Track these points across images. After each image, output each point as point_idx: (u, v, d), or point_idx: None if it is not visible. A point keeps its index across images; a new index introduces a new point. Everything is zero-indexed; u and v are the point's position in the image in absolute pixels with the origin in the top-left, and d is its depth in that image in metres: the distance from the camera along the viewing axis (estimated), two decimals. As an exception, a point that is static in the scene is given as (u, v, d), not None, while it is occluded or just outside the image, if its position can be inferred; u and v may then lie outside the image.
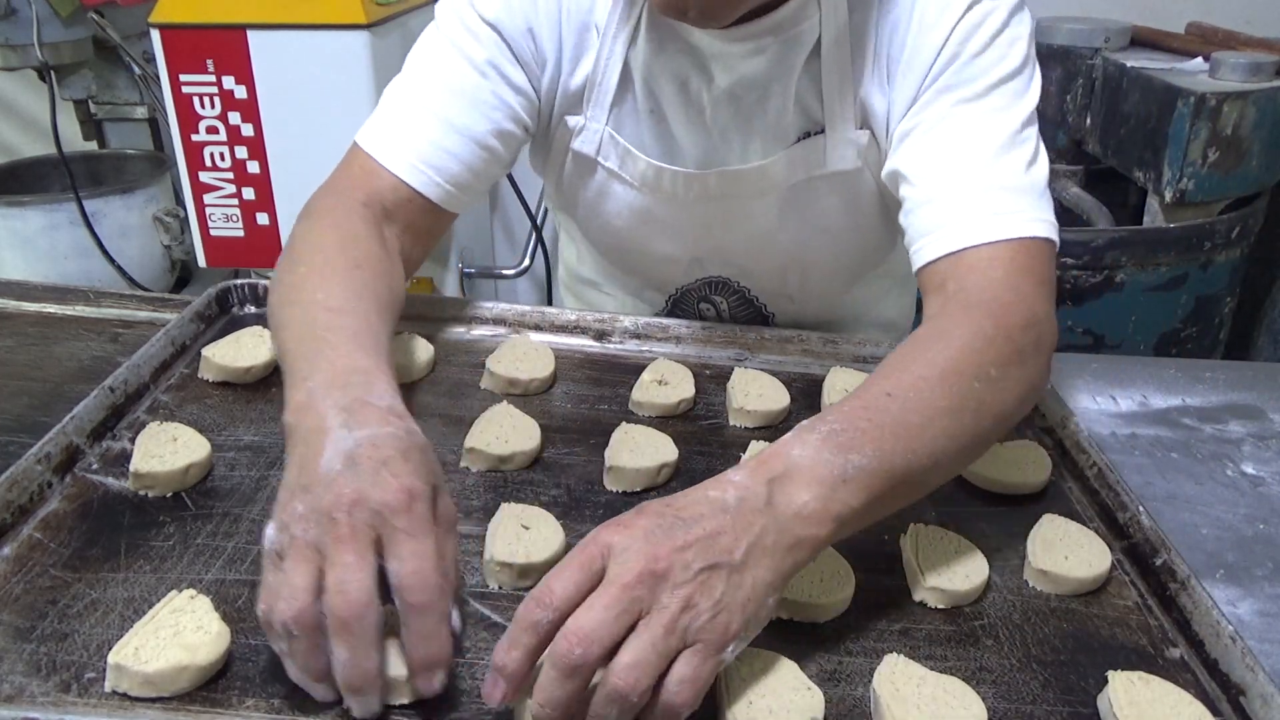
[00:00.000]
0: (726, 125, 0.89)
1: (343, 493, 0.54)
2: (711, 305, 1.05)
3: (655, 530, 0.53)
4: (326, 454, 0.56)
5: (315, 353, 0.66)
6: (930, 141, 0.83)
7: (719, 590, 0.52)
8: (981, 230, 0.77)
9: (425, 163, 0.85)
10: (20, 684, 0.54)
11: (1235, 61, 1.70)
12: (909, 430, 0.62)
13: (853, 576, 0.66)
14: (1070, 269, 1.69)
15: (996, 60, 0.82)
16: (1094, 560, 0.69)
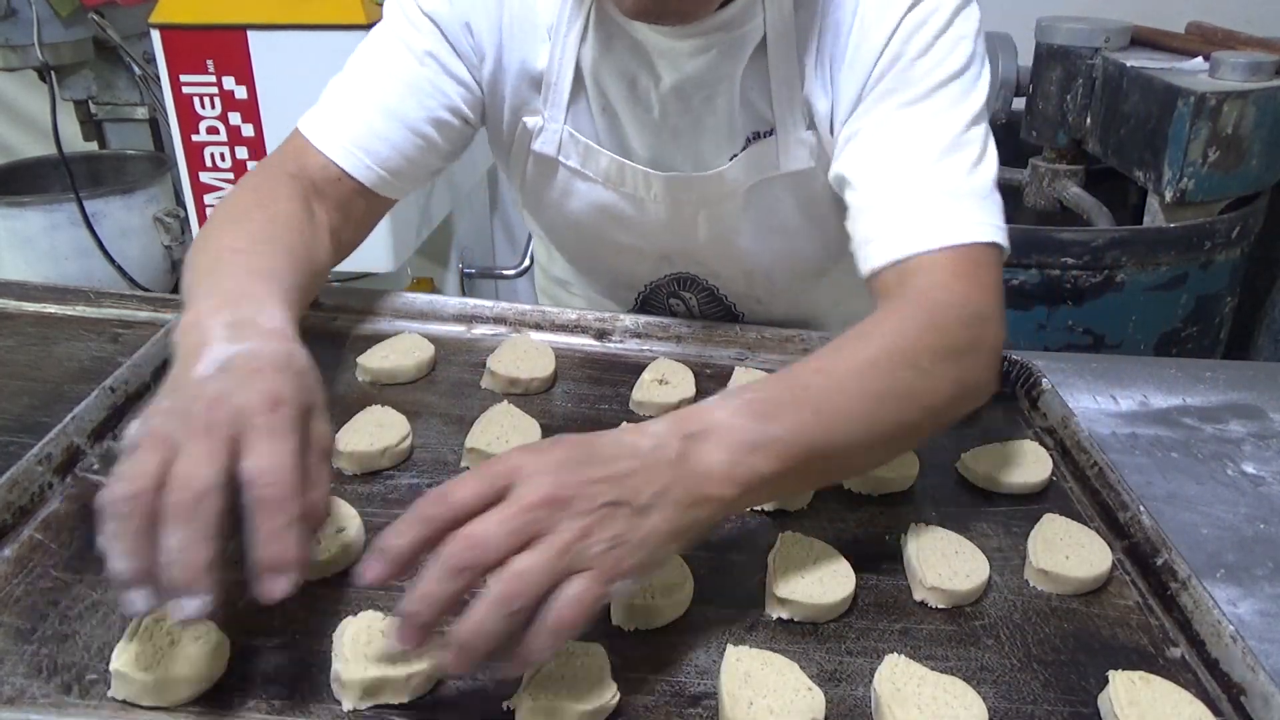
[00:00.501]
0: (676, 124, 0.90)
1: (206, 392, 0.54)
2: (681, 301, 1.05)
3: (567, 461, 0.54)
4: (203, 362, 0.57)
5: (212, 284, 0.67)
6: (873, 146, 0.82)
7: (618, 526, 0.53)
8: (925, 238, 0.77)
9: (358, 145, 0.87)
10: (21, 686, 0.54)
11: (1235, 61, 1.70)
12: (831, 409, 0.63)
13: (853, 576, 0.66)
14: (1070, 269, 1.69)
15: (938, 61, 0.81)
16: (1095, 560, 0.69)
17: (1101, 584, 0.69)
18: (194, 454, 0.51)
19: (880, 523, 0.75)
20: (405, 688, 0.55)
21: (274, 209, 0.81)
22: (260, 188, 0.84)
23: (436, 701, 0.56)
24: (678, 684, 0.58)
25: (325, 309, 0.99)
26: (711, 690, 0.58)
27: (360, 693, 0.54)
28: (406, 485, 0.74)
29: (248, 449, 0.52)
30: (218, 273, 0.70)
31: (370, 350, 0.89)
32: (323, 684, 0.56)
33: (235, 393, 0.54)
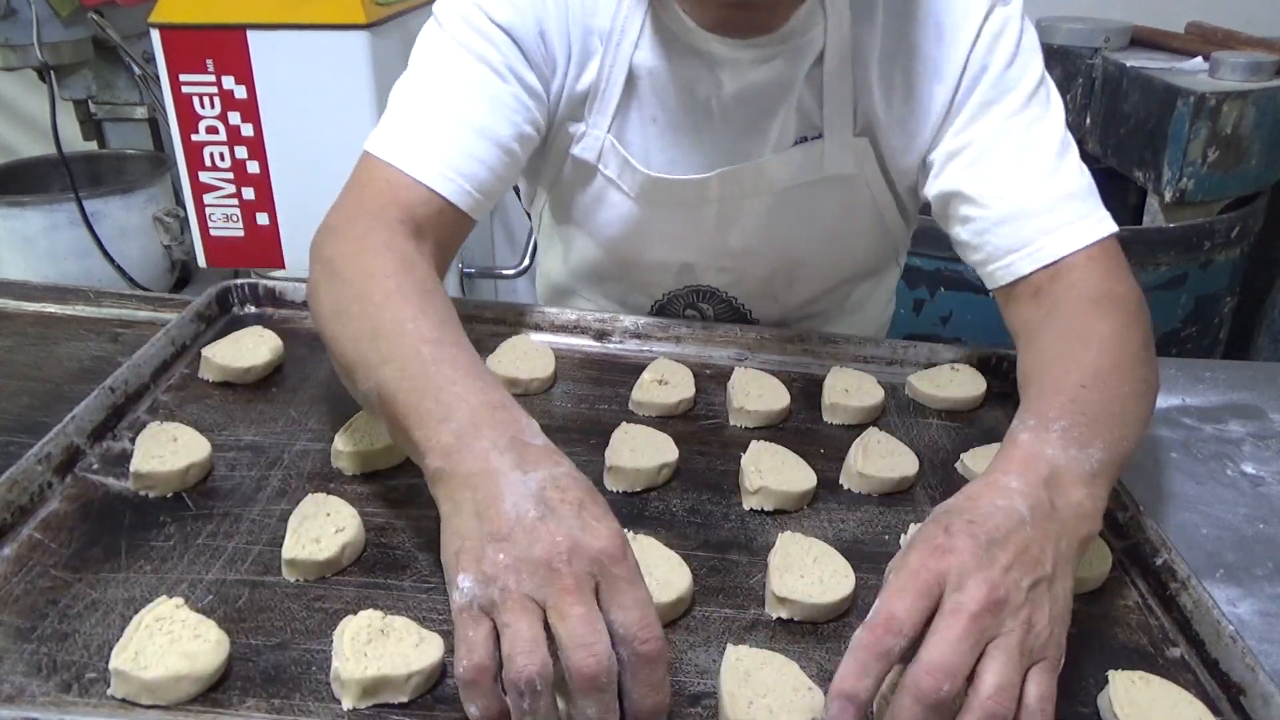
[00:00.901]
0: (734, 130, 0.90)
1: (556, 540, 0.52)
2: (698, 312, 1.05)
3: (980, 554, 0.54)
4: (508, 498, 0.54)
5: (438, 390, 0.61)
6: (989, 159, 0.86)
7: (1045, 605, 0.54)
8: (1068, 241, 0.82)
9: (456, 170, 0.81)
10: (21, 684, 0.54)
11: (1235, 61, 1.70)
12: (1116, 419, 0.67)
13: (852, 576, 0.66)
14: (1070, 269, 1.69)
15: (1024, 69, 0.86)
16: (1095, 560, 0.69)
17: (1101, 583, 0.69)
18: (579, 616, 0.50)
19: (880, 523, 0.75)
20: (405, 687, 0.55)
21: (419, 275, 0.73)
22: (392, 247, 0.75)
23: (436, 701, 0.56)
24: (678, 684, 0.58)
25: (325, 309, 0.99)
26: (711, 690, 0.58)
27: (359, 692, 0.54)
28: (406, 485, 0.74)
29: (616, 602, 0.52)
30: (434, 377, 0.63)
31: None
32: (322, 683, 0.56)
33: (583, 539, 0.52)
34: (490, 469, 0.56)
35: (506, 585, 0.51)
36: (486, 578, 0.52)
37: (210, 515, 0.68)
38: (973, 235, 0.87)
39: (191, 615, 0.57)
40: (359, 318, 0.69)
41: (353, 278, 0.72)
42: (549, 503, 0.54)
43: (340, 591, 0.63)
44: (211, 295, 0.96)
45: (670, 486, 0.77)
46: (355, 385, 0.68)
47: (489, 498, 0.54)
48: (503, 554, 0.52)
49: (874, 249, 1.02)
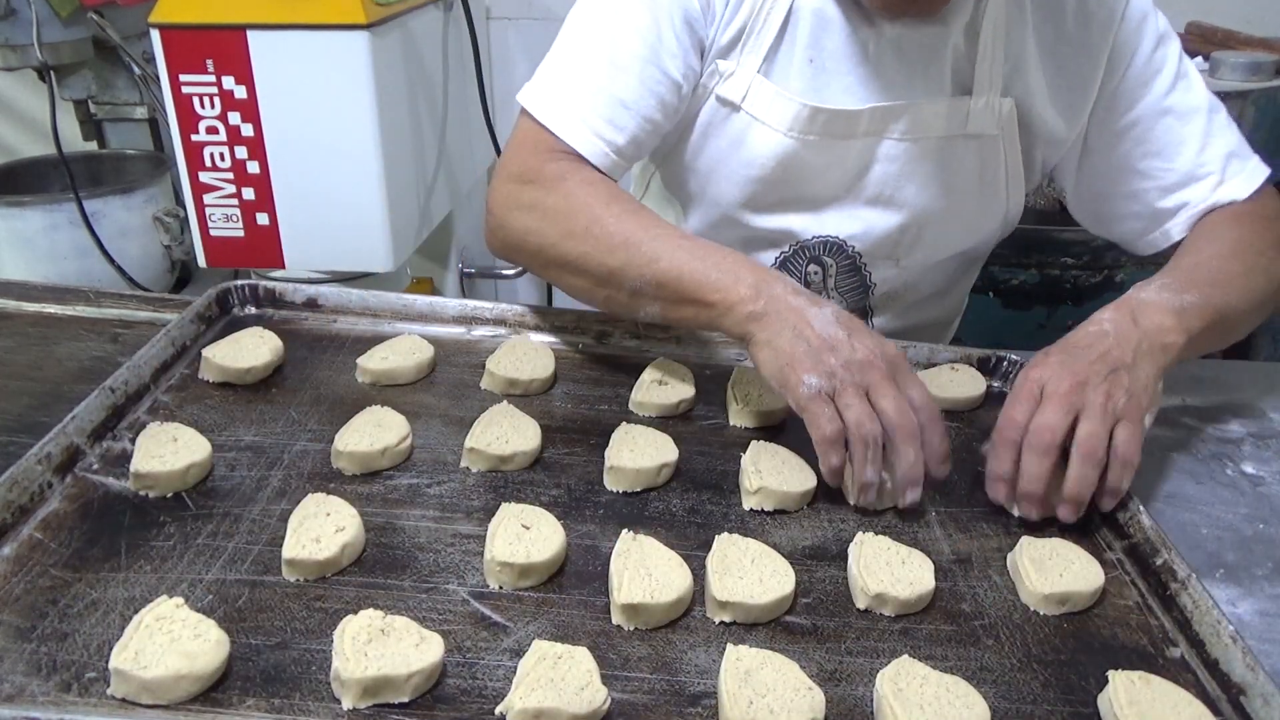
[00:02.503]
0: (889, 72, 0.95)
1: (869, 346, 0.75)
2: (820, 268, 1.07)
3: (1066, 359, 0.77)
4: (818, 324, 0.75)
5: (716, 265, 0.81)
6: (1153, 137, 0.97)
7: (1125, 382, 0.75)
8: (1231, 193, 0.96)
9: (598, 135, 0.91)
10: (21, 684, 0.54)
11: (1235, 61, 1.70)
12: (1218, 284, 0.86)
13: (792, 575, 0.65)
14: (1070, 269, 1.69)
15: (1168, 48, 0.97)
16: (1089, 571, 0.69)
17: (1098, 595, 0.69)
18: (894, 395, 0.73)
19: (880, 522, 0.75)
20: (405, 687, 0.55)
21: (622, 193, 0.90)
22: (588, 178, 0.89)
23: (436, 701, 0.56)
24: (678, 683, 0.58)
25: (325, 310, 0.99)
26: (711, 689, 0.58)
27: (360, 692, 0.54)
28: (406, 485, 0.74)
29: (907, 386, 0.75)
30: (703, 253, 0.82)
31: (370, 352, 0.89)
32: (322, 683, 0.56)
33: (882, 348, 0.75)
34: (794, 306, 0.77)
35: (843, 378, 0.73)
36: (827, 373, 0.73)
37: (210, 515, 0.68)
38: (1141, 206, 0.99)
39: (191, 615, 0.57)
40: (602, 236, 0.85)
41: (573, 209, 0.87)
42: (849, 326, 0.76)
43: (340, 591, 0.63)
44: (211, 296, 0.96)
45: (670, 486, 0.77)
46: (620, 286, 0.85)
47: (802, 324, 0.76)
48: (833, 358, 0.74)
49: (993, 222, 1.06)
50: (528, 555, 0.64)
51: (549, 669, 0.56)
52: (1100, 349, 0.77)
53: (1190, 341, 0.81)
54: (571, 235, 0.86)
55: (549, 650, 0.57)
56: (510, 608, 0.63)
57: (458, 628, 0.61)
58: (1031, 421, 0.74)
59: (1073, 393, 0.74)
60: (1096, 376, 0.75)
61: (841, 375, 0.73)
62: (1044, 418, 0.73)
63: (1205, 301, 0.83)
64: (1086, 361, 0.76)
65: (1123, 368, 0.76)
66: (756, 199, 1.02)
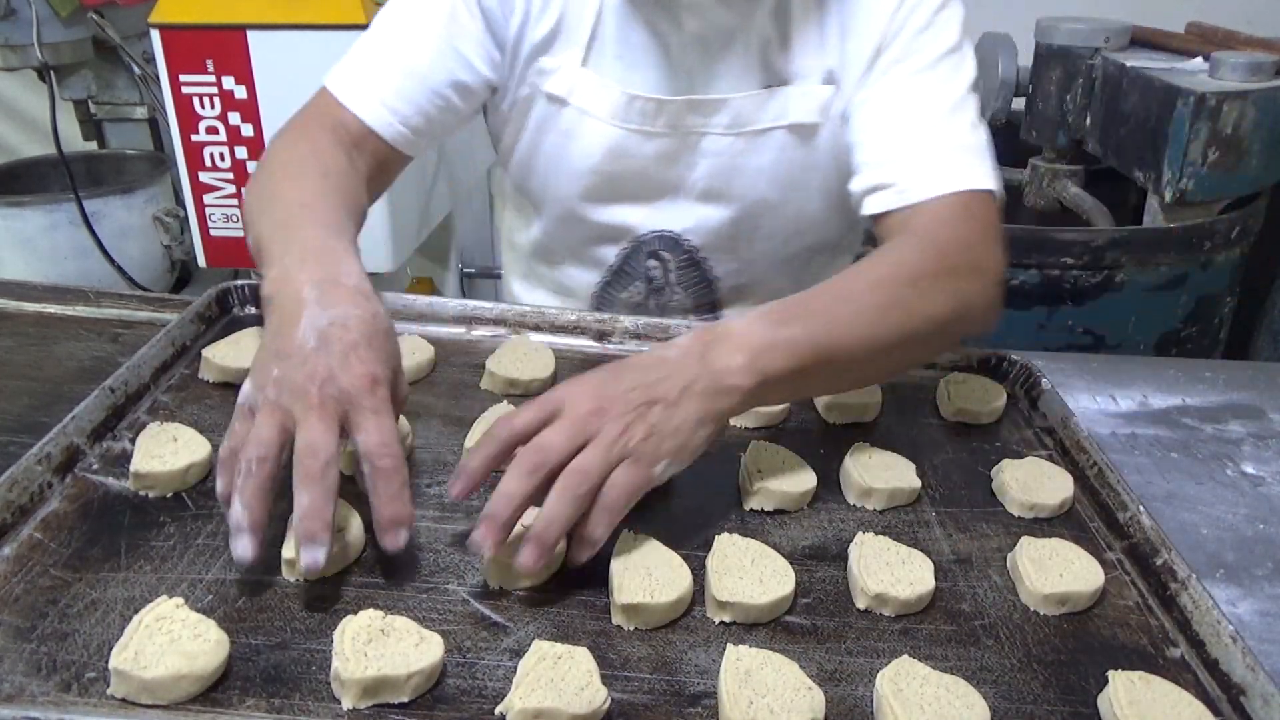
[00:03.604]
0: (693, 66, 0.95)
1: (316, 369, 0.62)
2: (660, 263, 1.07)
3: (606, 380, 0.66)
4: (301, 327, 0.65)
5: (288, 236, 0.74)
6: (883, 110, 0.92)
7: (654, 420, 0.64)
8: (931, 185, 0.86)
9: (385, 106, 0.91)
10: (20, 684, 0.54)
11: (1235, 61, 1.70)
12: (837, 318, 0.74)
13: (792, 575, 0.65)
14: (1070, 269, 1.69)
15: (937, 35, 0.92)
16: (1089, 571, 0.69)
17: (1098, 595, 0.69)
18: (315, 427, 0.60)
19: (880, 523, 0.75)
20: (405, 687, 0.55)
21: (327, 163, 0.86)
22: (311, 139, 0.89)
23: (436, 701, 0.56)
24: (678, 683, 0.58)
25: (325, 309, 0.99)
26: (711, 689, 0.58)
27: (359, 692, 0.54)
28: (406, 485, 0.74)
29: (359, 426, 0.62)
30: (292, 226, 0.76)
31: None
32: (322, 683, 0.56)
33: (339, 373, 0.63)
34: (299, 299, 0.67)
35: (268, 395, 0.62)
36: (258, 385, 0.63)
37: (210, 515, 0.68)
38: (857, 181, 0.92)
39: (191, 615, 0.57)
40: (263, 189, 0.83)
41: (271, 162, 0.87)
42: (327, 338, 0.64)
43: (340, 591, 0.63)
44: (211, 296, 0.96)
45: (670, 486, 0.77)
46: (249, 243, 0.80)
47: (287, 324, 0.66)
48: (277, 370, 0.63)
49: (833, 209, 1.04)
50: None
51: (549, 669, 0.56)
52: (649, 377, 0.66)
53: (764, 385, 0.68)
54: (253, 185, 0.86)
55: (549, 650, 0.57)
56: (510, 608, 0.63)
57: (458, 628, 0.61)
58: (537, 435, 0.63)
59: (590, 418, 0.63)
60: (624, 406, 0.64)
61: (269, 392, 0.63)
62: (546, 436, 0.62)
63: (810, 340, 0.70)
64: (624, 388, 0.65)
65: (660, 403, 0.65)
66: (592, 192, 1.03)
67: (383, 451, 0.61)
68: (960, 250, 0.82)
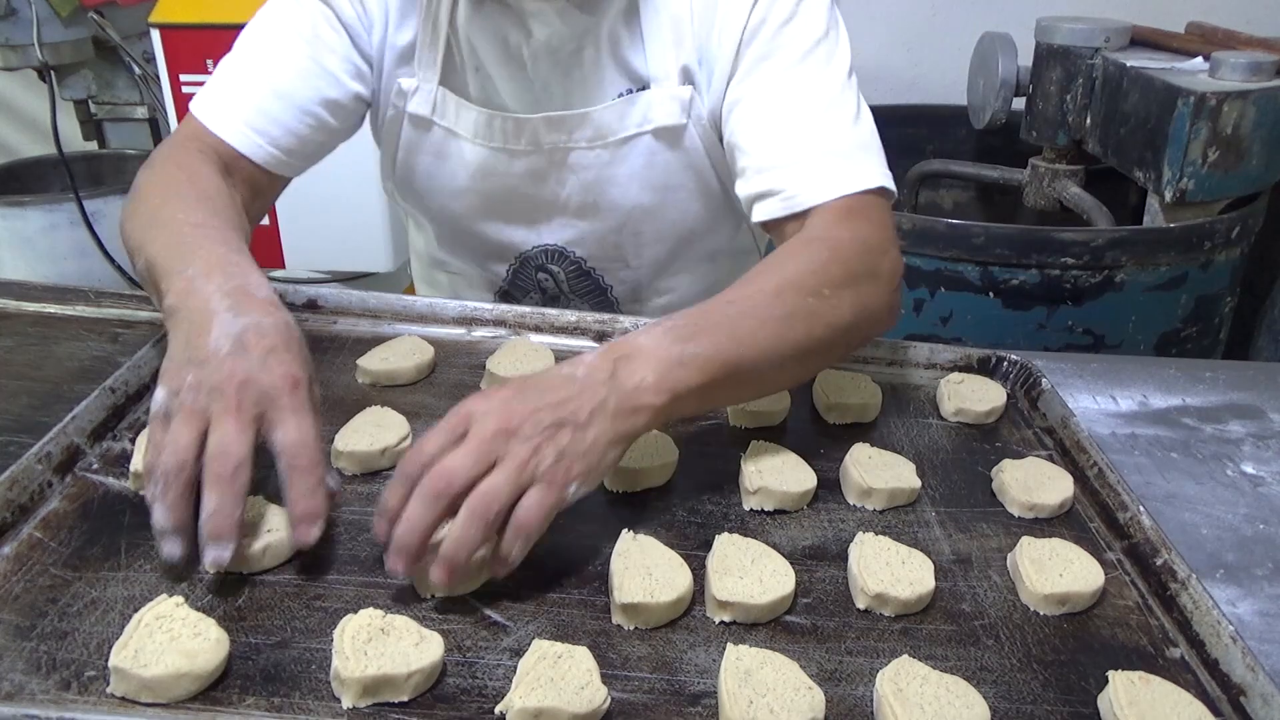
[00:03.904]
0: (547, 77, 0.94)
1: (234, 371, 0.63)
2: (550, 275, 1.08)
3: (512, 398, 0.64)
4: (214, 334, 0.65)
5: (187, 253, 0.73)
6: (758, 111, 0.90)
7: (564, 442, 0.63)
8: (818, 191, 0.85)
9: (251, 127, 0.90)
10: (20, 682, 0.54)
11: (1235, 61, 1.70)
12: (742, 331, 0.72)
13: (792, 575, 0.65)
14: (1070, 269, 1.69)
15: (803, 26, 0.90)
16: (1089, 571, 0.69)
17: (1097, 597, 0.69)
18: (228, 429, 0.61)
19: (880, 523, 0.75)
20: (405, 686, 0.55)
21: (205, 185, 0.84)
22: (184, 165, 0.87)
23: (436, 700, 0.56)
24: (677, 683, 0.58)
25: (326, 311, 0.99)
26: (711, 689, 0.58)
27: (359, 691, 0.54)
28: (406, 484, 0.74)
29: (277, 425, 0.62)
30: (188, 243, 0.74)
31: (370, 352, 0.89)
32: (322, 682, 0.56)
33: (258, 375, 0.63)
34: (208, 309, 0.67)
35: (184, 400, 0.62)
36: (173, 392, 0.63)
37: (210, 514, 0.68)
38: (742, 185, 0.91)
39: (191, 613, 0.57)
40: (143, 215, 0.81)
41: (148, 190, 0.85)
42: (244, 343, 0.64)
43: (340, 591, 0.63)
44: (211, 295, 0.96)
45: (670, 486, 0.77)
46: (136, 270, 0.79)
47: (198, 331, 0.65)
48: (191, 375, 0.63)
49: (718, 212, 1.04)
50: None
51: (549, 668, 0.56)
52: (557, 396, 0.64)
53: (675, 401, 0.67)
54: (130, 214, 0.84)
55: (549, 649, 0.57)
56: (510, 607, 0.63)
57: (458, 627, 0.61)
58: (441, 460, 0.61)
59: (496, 438, 0.61)
60: (533, 427, 0.62)
61: (185, 396, 0.62)
62: (450, 460, 0.60)
63: (711, 353, 0.69)
64: (532, 407, 0.63)
65: (569, 424, 0.63)
66: (470, 211, 1.03)
67: (299, 450, 0.62)
68: (859, 255, 0.81)
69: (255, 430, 0.62)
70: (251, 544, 0.63)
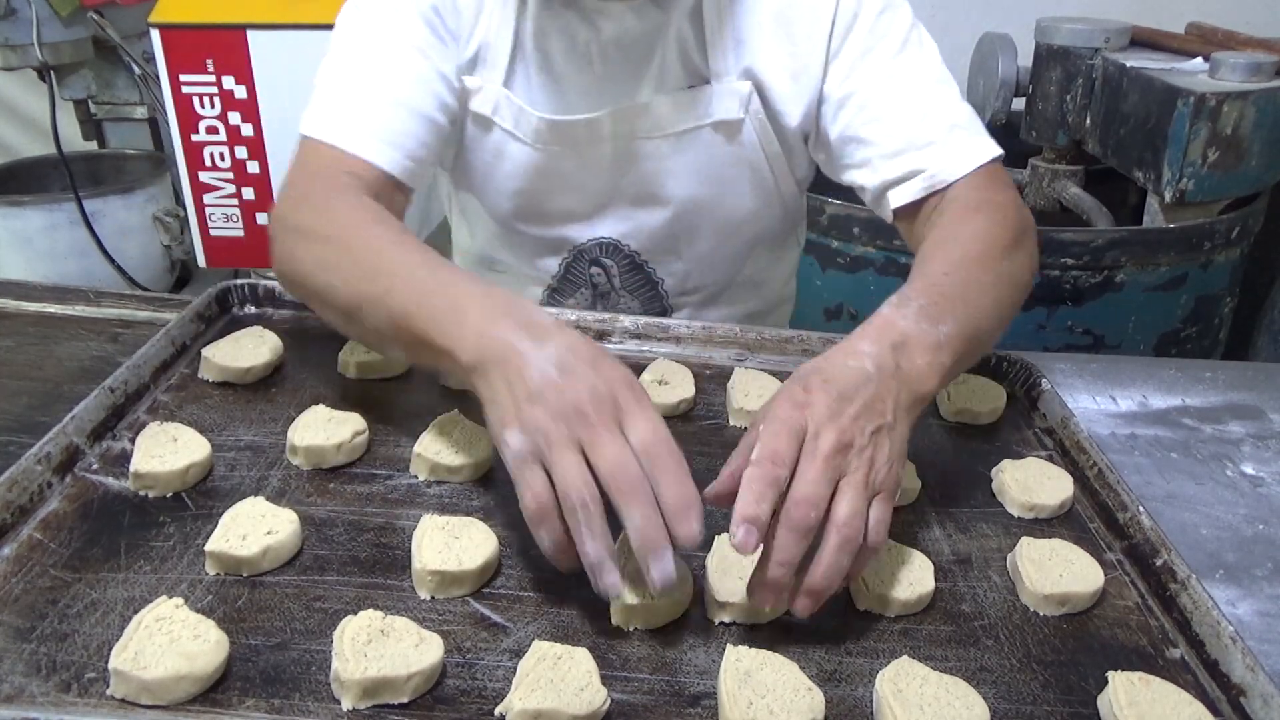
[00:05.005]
0: (615, 72, 0.95)
1: (579, 391, 0.61)
2: (602, 270, 1.08)
3: (834, 406, 0.63)
4: (532, 369, 0.63)
5: (449, 301, 0.70)
6: (875, 101, 0.93)
7: (886, 448, 0.64)
8: (953, 168, 0.90)
9: (388, 144, 0.87)
10: (20, 684, 0.54)
11: (1235, 61, 1.70)
12: (970, 302, 0.76)
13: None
14: (1070, 269, 1.69)
15: (895, 15, 0.94)
16: (1089, 572, 0.69)
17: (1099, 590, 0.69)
18: (613, 444, 0.59)
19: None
20: (404, 688, 0.55)
21: (389, 219, 0.80)
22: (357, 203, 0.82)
23: (436, 702, 0.56)
24: (677, 684, 0.58)
25: (325, 309, 0.99)
26: (711, 690, 0.58)
27: (359, 692, 0.54)
28: (406, 485, 0.74)
29: (631, 426, 0.61)
30: (438, 291, 0.71)
31: (350, 344, 0.89)
32: (322, 684, 0.56)
33: (600, 385, 0.62)
34: (514, 349, 0.64)
35: (549, 434, 0.60)
36: (529, 431, 0.61)
37: (210, 515, 0.68)
38: (868, 176, 0.94)
39: (191, 615, 0.57)
40: (350, 266, 0.76)
41: (333, 235, 0.79)
42: (566, 365, 0.63)
43: (340, 591, 0.63)
44: (211, 295, 0.96)
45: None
46: (362, 323, 0.75)
47: (516, 370, 0.63)
48: (540, 409, 0.61)
49: (767, 204, 1.05)
50: (459, 563, 0.63)
51: (549, 669, 0.56)
52: (865, 397, 0.64)
53: (942, 383, 0.71)
54: (323, 264, 0.78)
55: (549, 651, 0.57)
56: (510, 608, 0.63)
57: (457, 628, 0.61)
58: (792, 487, 0.60)
59: (838, 454, 0.61)
60: (862, 436, 0.63)
61: (548, 430, 0.60)
62: (807, 487, 0.60)
63: (960, 330, 0.72)
64: (852, 415, 0.63)
65: (885, 428, 0.64)
66: (528, 208, 1.03)
67: (659, 445, 0.60)
68: (1016, 216, 0.88)
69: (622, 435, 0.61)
70: (251, 546, 0.63)
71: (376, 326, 0.74)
